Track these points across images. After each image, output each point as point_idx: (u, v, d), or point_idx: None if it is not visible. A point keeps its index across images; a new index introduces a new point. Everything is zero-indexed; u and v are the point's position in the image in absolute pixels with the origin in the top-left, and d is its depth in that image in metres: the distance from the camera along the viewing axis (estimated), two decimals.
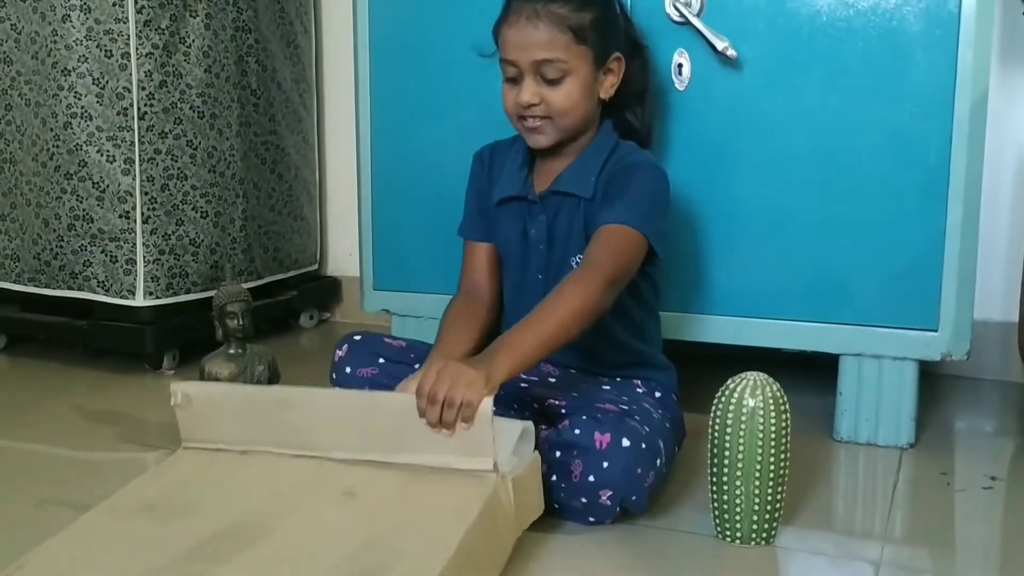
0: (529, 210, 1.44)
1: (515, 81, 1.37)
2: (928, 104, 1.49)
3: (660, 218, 1.37)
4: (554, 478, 1.26)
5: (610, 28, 1.38)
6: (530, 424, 1.22)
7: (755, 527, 1.21)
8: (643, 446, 1.23)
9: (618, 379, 1.43)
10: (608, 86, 1.40)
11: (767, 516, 1.21)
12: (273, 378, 1.54)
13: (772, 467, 1.19)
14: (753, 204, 1.59)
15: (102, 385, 1.99)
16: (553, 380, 1.45)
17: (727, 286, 1.63)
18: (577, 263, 1.39)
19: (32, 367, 2.14)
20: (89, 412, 1.82)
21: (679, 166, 1.62)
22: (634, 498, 1.24)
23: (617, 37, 1.40)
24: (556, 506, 1.28)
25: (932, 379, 1.94)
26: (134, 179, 1.99)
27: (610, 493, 1.22)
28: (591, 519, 1.27)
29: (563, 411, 1.34)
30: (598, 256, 1.29)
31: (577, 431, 1.24)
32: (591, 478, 1.22)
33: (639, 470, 1.22)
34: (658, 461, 1.26)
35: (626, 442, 1.22)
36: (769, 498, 1.20)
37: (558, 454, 1.26)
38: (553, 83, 1.35)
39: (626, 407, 1.31)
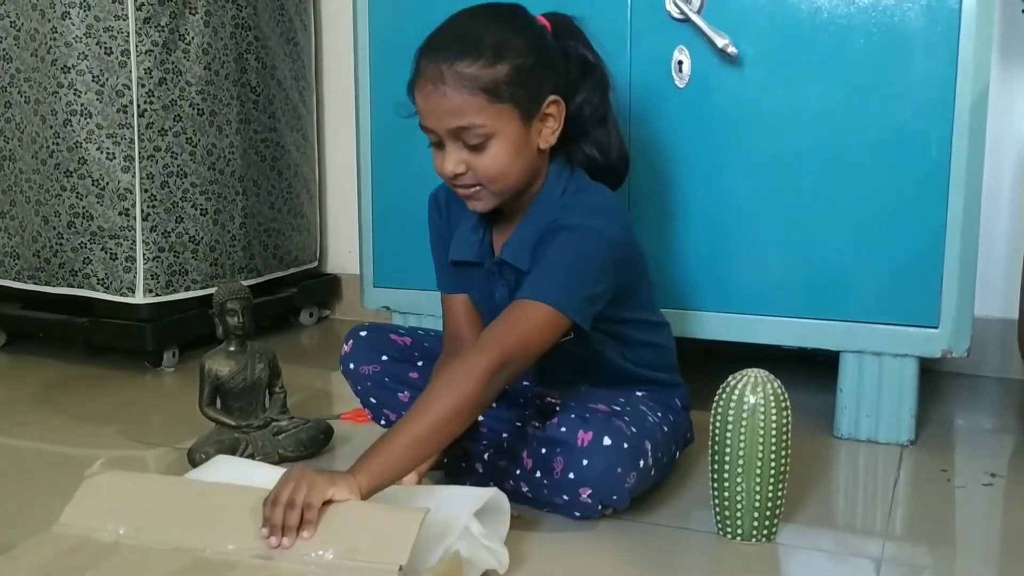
0: (490, 273, 1.35)
1: (440, 146, 1.24)
2: (929, 100, 1.48)
3: (583, 285, 1.21)
4: (538, 474, 1.26)
5: (537, 72, 1.22)
6: (473, 525, 1.10)
7: (756, 524, 1.21)
8: (625, 446, 1.22)
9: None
10: (548, 134, 1.26)
11: (768, 513, 1.21)
12: (273, 375, 1.54)
13: (773, 464, 1.19)
14: (753, 201, 1.59)
15: (102, 383, 1.99)
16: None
17: (728, 283, 1.62)
18: None
19: (32, 365, 2.13)
20: (89, 410, 1.82)
21: (679, 163, 1.62)
22: (615, 497, 1.24)
23: (550, 77, 1.25)
24: (543, 503, 1.28)
25: (932, 376, 1.94)
26: (134, 176, 1.99)
27: (590, 491, 1.22)
28: (576, 514, 1.27)
29: (558, 408, 1.34)
30: (489, 339, 1.17)
31: (563, 428, 1.23)
32: (571, 475, 1.22)
33: (619, 469, 1.22)
34: (642, 462, 1.25)
35: (607, 441, 1.21)
36: (770, 495, 1.20)
37: (543, 450, 1.26)
38: (477, 148, 1.21)
39: (619, 408, 1.31)
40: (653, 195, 1.65)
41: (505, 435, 1.37)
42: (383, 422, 1.49)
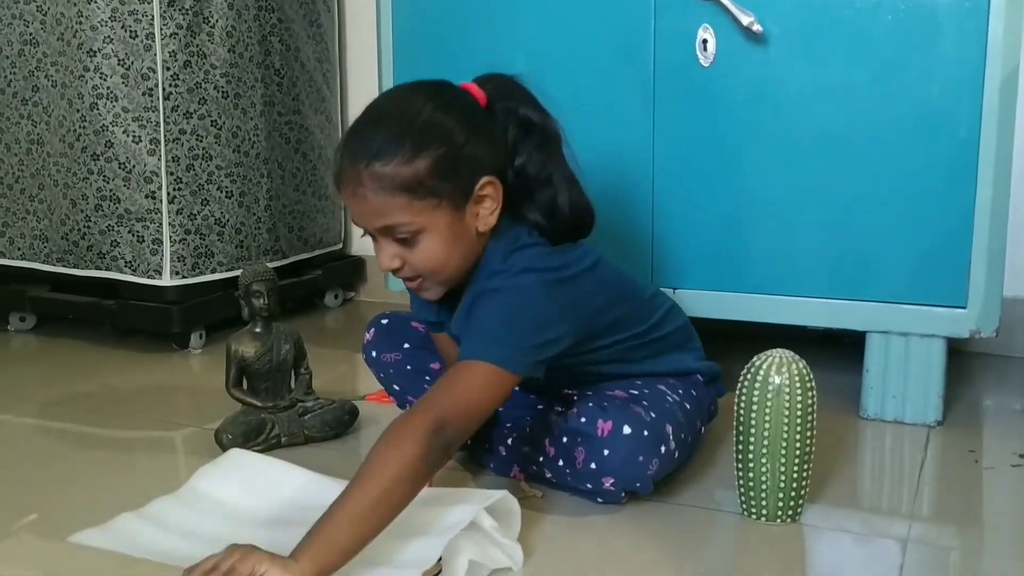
0: (450, 331, 1.30)
1: (375, 238, 1.19)
2: (957, 78, 1.46)
3: (525, 335, 1.15)
4: (561, 463, 1.27)
5: (465, 156, 1.15)
6: (484, 520, 1.05)
7: (781, 504, 1.21)
8: (645, 433, 1.21)
9: None
10: (486, 215, 1.18)
11: (793, 494, 1.21)
12: (299, 356, 1.54)
13: (798, 445, 1.19)
14: (779, 180, 1.58)
15: (130, 365, 2.01)
16: None
17: (753, 263, 1.62)
18: None
19: (61, 347, 2.16)
20: (117, 391, 1.83)
21: (703, 142, 1.61)
22: (638, 484, 1.23)
23: (482, 155, 1.17)
24: (567, 489, 1.29)
25: (960, 357, 1.93)
26: (160, 159, 2.00)
27: (612, 480, 1.22)
28: (600, 500, 1.27)
29: (575, 397, 1.34)
30: (426, 400, 1.10)
31: (583, 419, 1.23)
32: (593, 465, 1.22)
33: (640, 458, 1.21)
34: (663, 448, 1.24)
35: (627, 429, 1.20)
36: (795, 476, 1.20)
37: (564, 440, 1.26)
38: (408, 243, 1.16)
39: (636, 392, 1.30)
40: (677, 174, 1.64)
41: (528, 418, 1.37)
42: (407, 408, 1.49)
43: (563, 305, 1.19)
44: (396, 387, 1.49)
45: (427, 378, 1.45)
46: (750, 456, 1.21)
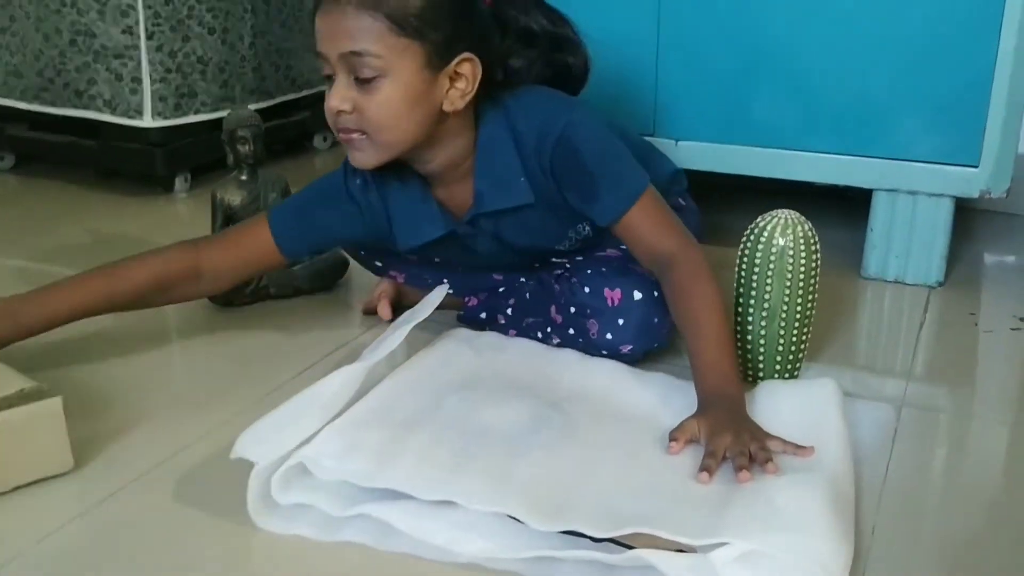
0: (464, 236, 1.24)
1: (331, 79, 1.10)
2: None
3: (630, 158, 1.18)
4: (571, 331, 1.23)
5: (455, 19, 1.08)
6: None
7: (778, 367, 1.19)
8: (655, 294, 1.18)
9: None
10: (456, 96, 1.11)
11: (791, 356, 1.19)
12: None
13: (799, 308, 1.16)
14: (789, 27, 1.50)
15: (115, 208, 1.96)
16: None
17: (759, 115, 1.55)
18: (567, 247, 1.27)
19: (43, 188, 2.10)
20: (103, 235, 1.79)
21: None
22: (656, 345, 1.21)
23: (468, 34, 1.10)
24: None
25: (965, 213, 1.88)
26: None
27: (630, 347, 1.19)
28: None
29: (567, 265, 1.28)
30: (666, 250, 1.14)
31: (587, 289, 1.19)
32: (608, 336, 1.19)
33: (655, 320, 1.18)
34: None
35: (638, 295, 1.17)
36: (794, 339, 1.18)
37: (572, 310, 1.22)
38: (367, 85, 1.07)
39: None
40: (683, 21, 1.55)
41: (524, 280, 1.33)
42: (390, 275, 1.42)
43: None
44: (379, 264, 1.41)
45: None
46: (749, 318, 1.18)
